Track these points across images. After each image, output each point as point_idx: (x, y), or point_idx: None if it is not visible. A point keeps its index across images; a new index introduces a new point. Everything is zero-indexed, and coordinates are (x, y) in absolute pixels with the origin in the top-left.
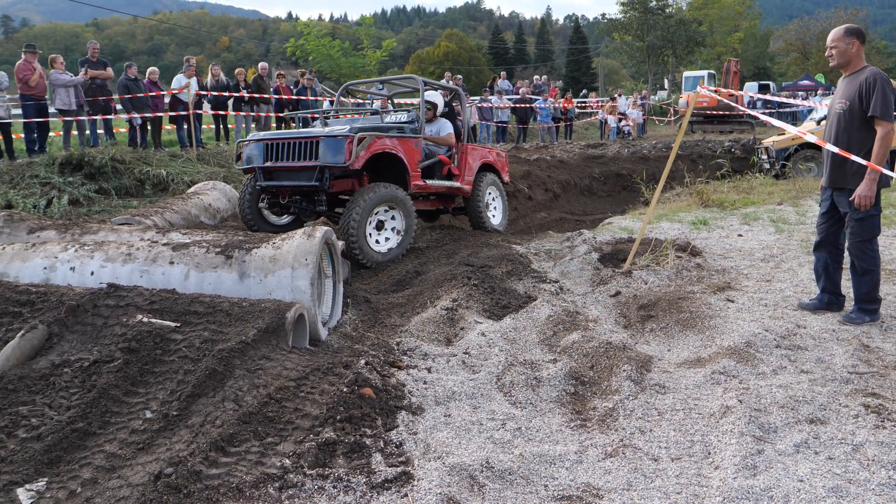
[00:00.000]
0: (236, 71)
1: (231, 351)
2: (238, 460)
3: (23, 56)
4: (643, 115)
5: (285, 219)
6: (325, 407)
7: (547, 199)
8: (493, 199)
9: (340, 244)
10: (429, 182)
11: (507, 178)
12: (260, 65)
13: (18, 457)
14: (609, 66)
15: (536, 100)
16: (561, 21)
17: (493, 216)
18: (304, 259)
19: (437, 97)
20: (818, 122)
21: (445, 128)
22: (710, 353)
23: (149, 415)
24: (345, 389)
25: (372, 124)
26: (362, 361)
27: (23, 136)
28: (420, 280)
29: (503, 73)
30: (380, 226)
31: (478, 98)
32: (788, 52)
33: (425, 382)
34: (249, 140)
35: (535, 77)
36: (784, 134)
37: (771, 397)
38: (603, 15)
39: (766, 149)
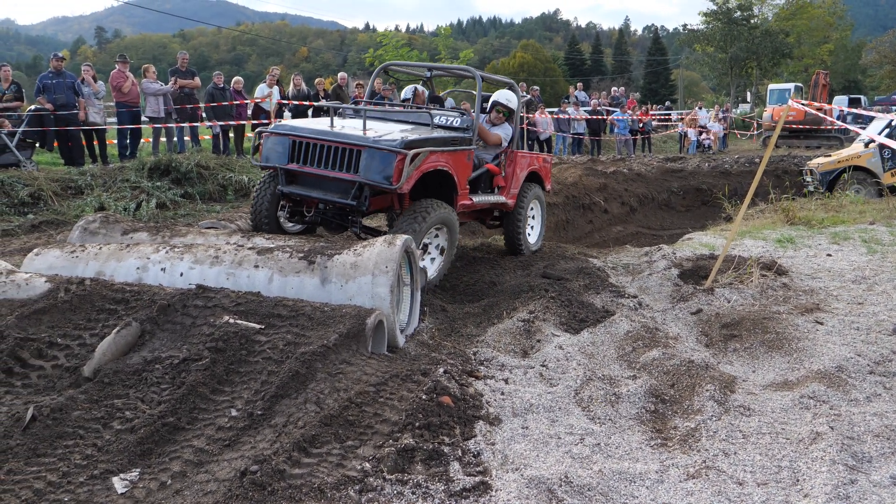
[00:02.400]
0: (316, 81)
1: (313, 354)
2: (319, 461)
3: (116, 66)
4: (725, 128)
5: (297, 226)
6: (404, 413)
7: (623, 212)
8: (534, 214)
9: (419, 252)
10: (475, 199)
11: (549, 187)
12: (339, 74)
13: (113, 447)
14: (689, 78)
15: (613, 112)
16: (639, 32)
17: (531, 234)
18: (384, 266)
19: (515, 102)
20: (866, 145)
21: (501, 130)
22: (797, 376)
23: (234, 413)
24: (423, 397)
25: (418, 125)
26: (441, 370)
27: (115, 141)
28: (496, 291)
29: (579, 85)
30: (424, 248)
31: (556, 109)
32: (882, 64)
33: (503, 393)
34: (272, 132)
35: (613, 89)
36: (831, 156)
37: (865, 425)
38: (684, 26)
39: (811, 171)
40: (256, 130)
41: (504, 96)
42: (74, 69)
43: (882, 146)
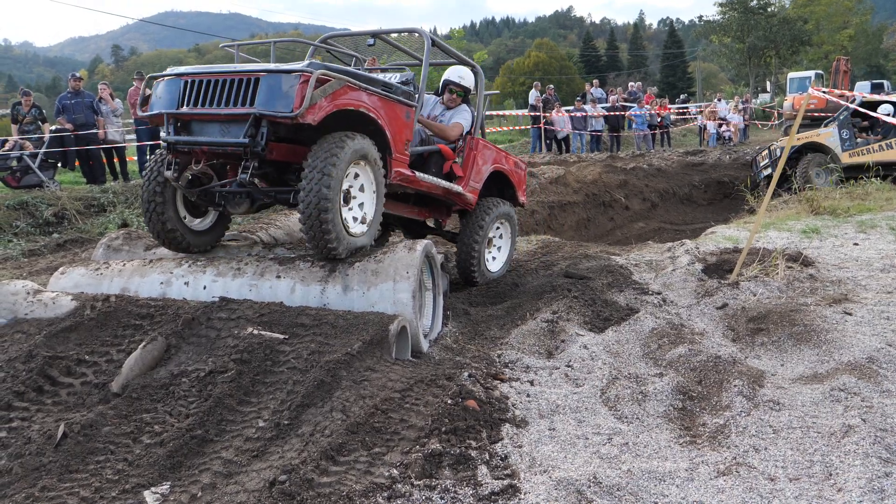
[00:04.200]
0: None
1: (337, 362)
2: (347, 469)
3: (134, 83)
4: (745, 119)
5: (207, 220)
6: (430, 418)
7: (644, 208)
8: (500, 235)
9: (440, 257)
10: (419, 175)
11: (523, 200)
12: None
13: (144, 461)
14: (706, 70)
15: (631, 107)
16: (654, 25)
17: (492, 259)
18: (405, 272)
19: (467, 75)
20: (826, 125)
21: (459, 115)
22: (827, 368)
23: (261, 423)
24: (449, 401)
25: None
26: (465, 374)
27: (135, 158)
28: (518, 292)
29: (595, 81)
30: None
31: (571, 107)
32: None
33: (528, 395)
34: (164, 75)
35: (630, 84)
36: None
37: None
38: (700, 17)
39: (770, 149)
40: (148, 77)
41: (456, 73)
42: (93, 88)
43: (840, 127)
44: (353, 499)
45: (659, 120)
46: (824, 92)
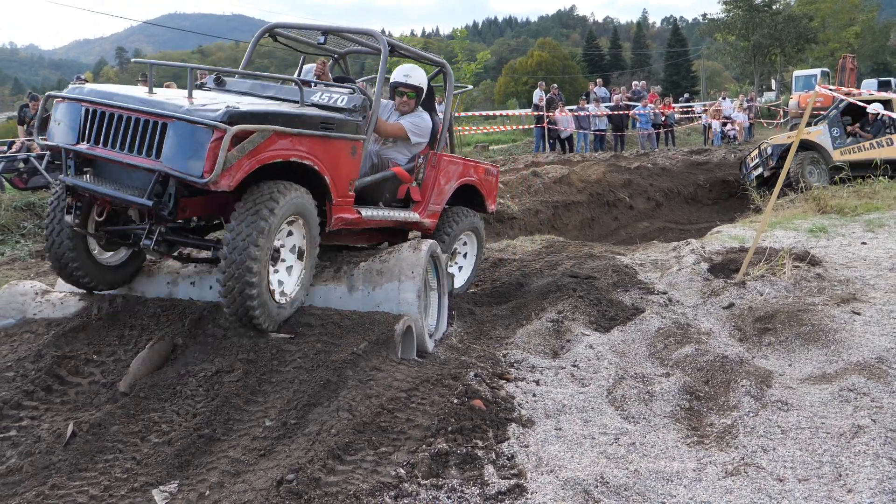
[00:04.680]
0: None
1: (343, 362)
2: (354, 468)
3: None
4: (750, 118)
5: (121, 254)
6: (437, 418)
7: (649, 207)
8: (466, 251)
9: (445, 257)
10: (366, 214)
11: (493, 208)
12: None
13: (152, 460)
14: (711, 69)
15: (635, 106)
16: (658, 24)
17: (459, 269)
18: (410, 272)
19: (420, 76)
20: (815, 123)
21: (420, 124)
22: (836, 368)
23: (268, 422)
24: (455, 401)
25: (279, 100)
26: (471, 373)
27: None
28: (523, 292)
29: (599, 81)
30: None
31: (574, 107)
32: None
33: (534, 395)
34: (65, 96)
35: (634, 83)
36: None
37: None
38: (704, 15)
39: (761, 149)
40: (46, 94)
41: (402, 72)
42: None
43: (831, 125)
44: (360, 498)
45: (663, 119)
46: (831, 90)
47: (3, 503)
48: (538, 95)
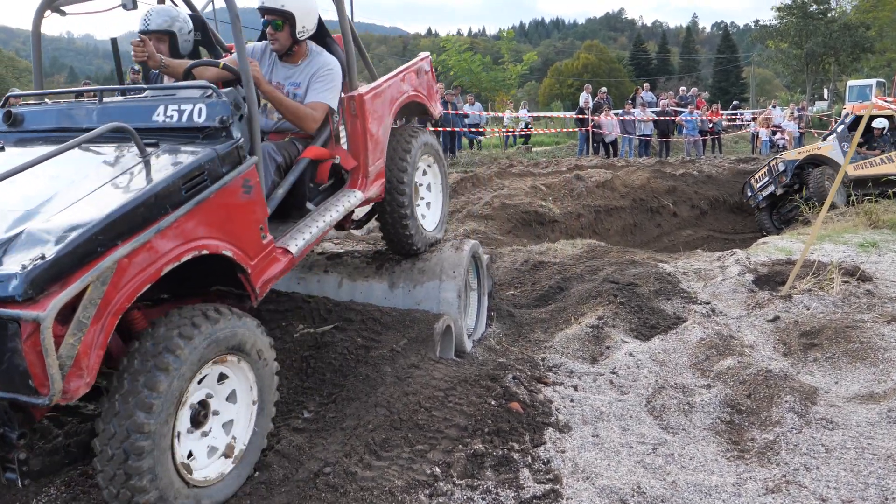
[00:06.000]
0: None
1: (382, 358)
2: (390, 464)
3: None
4: (801, 128)
5: None
6: (473, 418)
7: (693, 215)
8: (427, 179)
9: (486, 257)
10: (299, 245)
11: (438, 110)
12: None
13: None
14: (761, 76)
15: (682, 112)
16: (708, 29)
17: (425, 216)
18: (451, 271)
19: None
20: (824, 139)
21: (319, 83)
22: (885, 388)
23: (307, 414)
24: (492, 402)
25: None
26: (510, 376)
27: None
28: (563, 296)
29: (646, 85)
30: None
31: (620, 111)
32: None
33: (572, 400)
34: None
35: (682, 88)
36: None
37: None
38: (756, 21)
39: (770, 166)
40: None
41: None
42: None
43: (840, 139)
44: (395, 494)
45: (710, 126)
46: (888, 101)
47: None
48: (584, 98)
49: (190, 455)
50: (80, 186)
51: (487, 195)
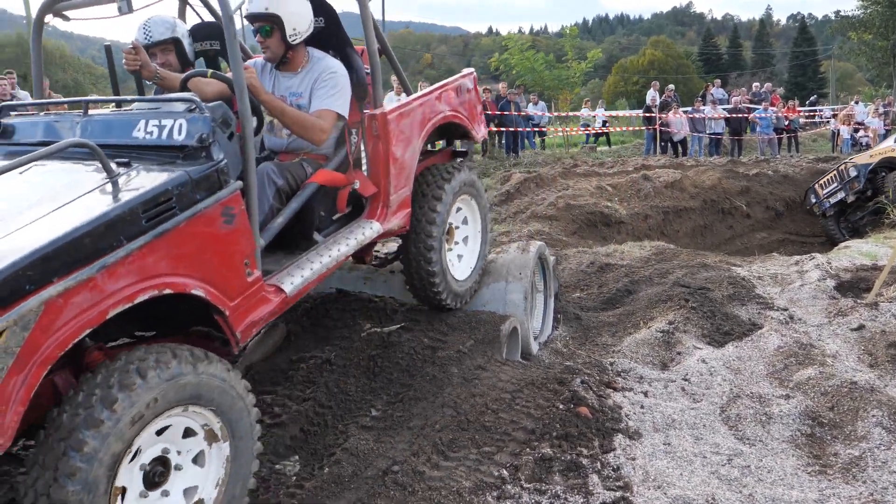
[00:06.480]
0: None
1: (449, 359)
2: (457, 465)
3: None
4: (886, 124)
5: None
6: (541, 422)
7: (768, 217)
8: (464, 219)
9: (553, 259)
10: (293, 284)
11: (483, 133)
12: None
13: (263, 441)
14: (841, 70)
15: (756, 109)
16: (783, 21)
17: (456, 262)
18: (518, 272)
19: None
20: None
21: (323, 88)
22: None
23: (374, 413)
24: (560, 406)
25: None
26: (578, 380)
27: None
28: (632, 299)
29: (717, 81)
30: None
31: (689, 108)
32: None
33: (642, 407)
34: None
35: (756, 84)
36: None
37: None
38: (836, 12)
39: (840, 171)
40: None
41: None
42: None
43: None
44: (462, 495)
45: (786, 123)
46: None
47: None
48: (651, 96)
49: None
50: (26, 212)
51: (552, 195)
